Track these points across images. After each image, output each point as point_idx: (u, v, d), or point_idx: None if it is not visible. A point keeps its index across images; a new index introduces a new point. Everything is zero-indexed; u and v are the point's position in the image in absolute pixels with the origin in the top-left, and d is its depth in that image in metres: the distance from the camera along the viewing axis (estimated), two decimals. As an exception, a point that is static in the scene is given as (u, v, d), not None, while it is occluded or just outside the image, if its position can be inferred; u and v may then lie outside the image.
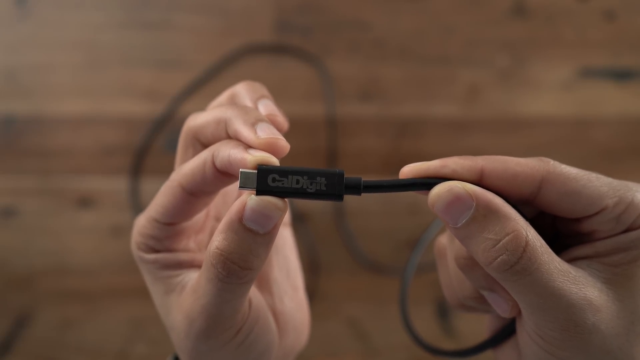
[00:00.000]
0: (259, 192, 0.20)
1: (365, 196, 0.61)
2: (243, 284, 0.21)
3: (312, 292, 0.60)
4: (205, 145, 0.24)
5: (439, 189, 0.20)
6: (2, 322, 0.60)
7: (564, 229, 0.23)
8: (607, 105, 0.62)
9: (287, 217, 0.31)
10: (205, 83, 0.61)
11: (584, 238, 0.21)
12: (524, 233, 0.19)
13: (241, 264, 0.20)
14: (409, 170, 0.21)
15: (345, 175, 0.20)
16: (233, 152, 0.20)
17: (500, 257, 0.19)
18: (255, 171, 0.20)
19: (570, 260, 0.21)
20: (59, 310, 0.60)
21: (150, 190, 0.60)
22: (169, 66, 0.61)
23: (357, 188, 0.21)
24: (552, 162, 0.20)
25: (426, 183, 0.20)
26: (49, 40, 0.61)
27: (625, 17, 0.62)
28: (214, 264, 0.20)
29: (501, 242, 0.19)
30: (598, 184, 0.20)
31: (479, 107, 0.61)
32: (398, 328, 0.60)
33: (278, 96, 0.28)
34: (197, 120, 0.24)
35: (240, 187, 0.20)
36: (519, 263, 0.19)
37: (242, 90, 0.26)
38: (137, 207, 0.60)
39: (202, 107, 0.63)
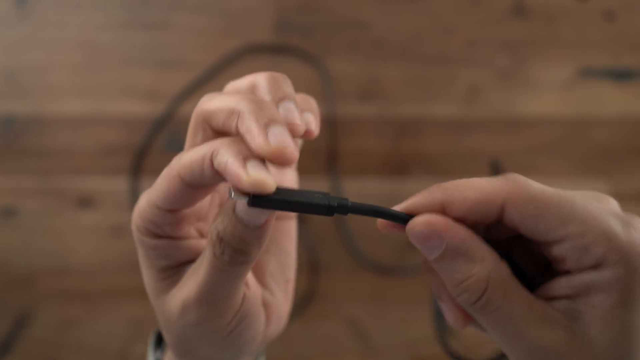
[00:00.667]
0: (251, 203, 0.20)
1: (366, 196, 0.61)
2: (240, 264, 0.21)
3: (312, 292, 0.60)
4: (215, 131, 0.23)
5: (415, 223, 0.20)
6: (2, 322, 0.60)
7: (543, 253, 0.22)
8: (607, 105, 0.62)
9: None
10: (206, 83, 0.61)
11: (560, 265, 0.20)
12: (487, 276, 0.19)
13: (236, 248, 0.21)
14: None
15: (333, 195, 0.21)
16: (230, 162, 0.19)
17: (463, 294, 0.20)
18: (247, 198, 0.20)
19: (550, 298, 0.20)
20: (59, 310, 0.60)
21: (150, 190, 0.60)
22: (169, 66, 0.61)
23: (345, 209, 0.21)
24: (518, 181, 0.19)
25: (402, 218, 0.20)
26: (49, 40, 0.61)
27: (625, 17, 0.62)
28: (213, 244, 0.21)
29: (464, 283, 0.19)
30: (565, 210, 0.18)
31: (479, 107, 0.62)
32: (398, 328, 0.60)
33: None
34: (210, 105, 0.23)
35: (231, 197, 0.20)
36: (478, 302, 0.19)
37: (264, 84, 0.24)
38: (137, 207, 0.60)
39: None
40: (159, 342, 0.32)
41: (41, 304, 0.60)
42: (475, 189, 0.19)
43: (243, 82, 0.25)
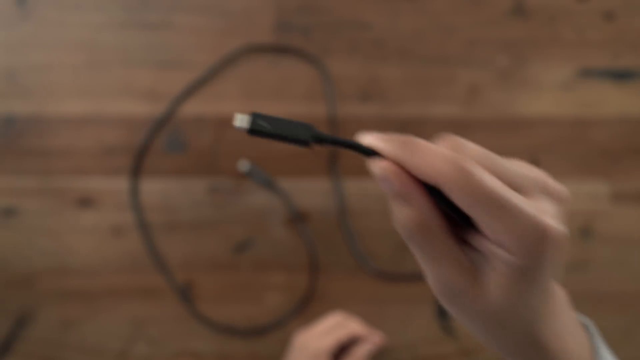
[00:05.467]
0: (249, 131, 0.25)
1: (367, 196, 0.61)
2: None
3: (312, 292, 0.60)
4: None
5: (373, 164, 0.24)
6: (2, 322, 0.60)
7: None
8: (607, 105, 0.62)
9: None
10: (206, 83, 0.61)
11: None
12: (413, 220, 0.23)
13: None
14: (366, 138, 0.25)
15: (317, 130, 0.26)
16: None
17: (397, 226, 0.24)
18: (249, 115, 0.25)
19: (470, 242, 0.24)
20: (59, 310, 0.60)
21: (150, 190, 0.60)
22: (169, 66, 0.61)
23: (321, 140, 0.25)
24: (459, 167, 0.22)
25: (369, 152, 0.25)
26: (49, 40, 0.61)
27: (625, 17, 0.62)
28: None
29: (398, 219, 0.24)
30: (493, 209, 0.22)
31: (479, 107, 0.62)
32: (398, 328, 0.60)
33: (278, 96, 0.28)
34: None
35: (236, 126, 0.25)
36: (404, 237, 0.24)
37: None
38: (137, 207, 0.60)
39: (202, 107, 0.63)
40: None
41: (41, 304, 0.60)
42: (425, 163, 0.23)
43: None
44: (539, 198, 0.23)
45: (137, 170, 0.61)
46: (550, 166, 0.62)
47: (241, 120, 0.25)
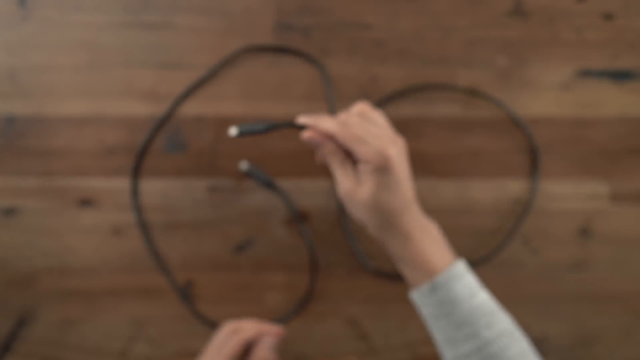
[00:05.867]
0: (239, 135, 0.43)
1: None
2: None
3: (312, 292, 0.60)
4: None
5: (303, 134, 0.42)
6: (3, 322, 0.60)
7: None
8: (606, 105, 0.62)
9: None
10: (206, 84, 0.61)
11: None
12: (327, 152, 0.42)
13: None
14: (303, 120, 0.43)
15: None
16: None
17: (320, 156, 0.43)
18: (238, 127, 0.43)
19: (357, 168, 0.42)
20: (59, 310, 0.60)
21: (150, 190, 0.60)
22: (170, 67, 0.61)
23: (276, 127, 0.44)
24: (344, 124, 0.40)
25: (301, 127, 0.43)
26: (50, 41, 0.61)
27: (624, 17, 0.62)
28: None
29: (321, 153, 0.42)
30: (360, 145, 0.39)
31: (479, 107, 0.62)
32: (398, 328, 0.61)
33: (278, 96, 0.28)
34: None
35: (230, 135, 0.42)
36: (328, 162, 0.43)
37: None
38: (138, 207, 0.60)
39: (203, 108, 0.63)
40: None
41: (42, 303, 0.60)
42: (325, 127, 0.41)
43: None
44: (386, 140, 0.40)
45: (137, 170, 0.61)
46: (550, 166, 0.62)
47: (233, 130, 0.42)
